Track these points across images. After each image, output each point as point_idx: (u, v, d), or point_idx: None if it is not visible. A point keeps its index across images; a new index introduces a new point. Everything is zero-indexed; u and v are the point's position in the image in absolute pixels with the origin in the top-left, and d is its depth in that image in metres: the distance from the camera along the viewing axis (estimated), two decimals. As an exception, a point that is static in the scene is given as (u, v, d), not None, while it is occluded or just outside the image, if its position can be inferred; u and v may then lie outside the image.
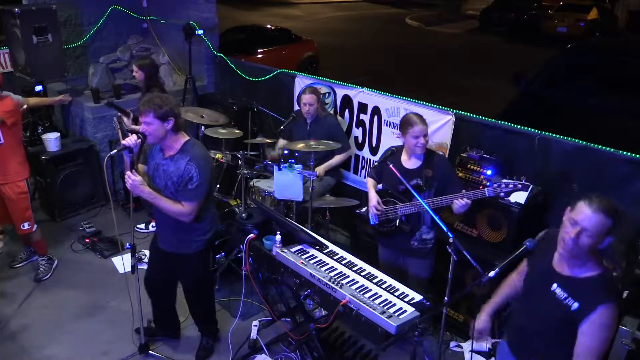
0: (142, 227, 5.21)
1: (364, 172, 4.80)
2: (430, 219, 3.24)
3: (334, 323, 3.27)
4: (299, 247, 3.16)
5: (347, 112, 4.83)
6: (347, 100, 4.81)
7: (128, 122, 4.71)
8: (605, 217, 2.00)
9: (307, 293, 2.92)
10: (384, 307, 2.61)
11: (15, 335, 3.82)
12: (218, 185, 4.56)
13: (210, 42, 6.16)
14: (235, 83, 6.02)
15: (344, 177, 4.93)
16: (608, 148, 3.36)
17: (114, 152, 3.12)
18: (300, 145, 4.10)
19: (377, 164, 3.54)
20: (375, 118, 4.59)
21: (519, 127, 3.77)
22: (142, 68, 4.69)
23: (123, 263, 4.54)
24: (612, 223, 2.01)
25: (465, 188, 3.25)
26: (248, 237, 3.26)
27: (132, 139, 2.97)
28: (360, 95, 4.69)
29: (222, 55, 6.14)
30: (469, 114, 4.04)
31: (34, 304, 4.16)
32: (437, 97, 7.91)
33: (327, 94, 4.92)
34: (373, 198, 3.43)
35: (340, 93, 4.85)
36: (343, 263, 3.03)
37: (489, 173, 3.58)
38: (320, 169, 4.31)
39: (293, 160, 3.98)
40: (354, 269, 2.97)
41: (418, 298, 2.73)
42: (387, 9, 25.92)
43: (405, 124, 3.26)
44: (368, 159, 4.75)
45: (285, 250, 3.08)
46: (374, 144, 4.68)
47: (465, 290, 3.20)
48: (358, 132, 4.77)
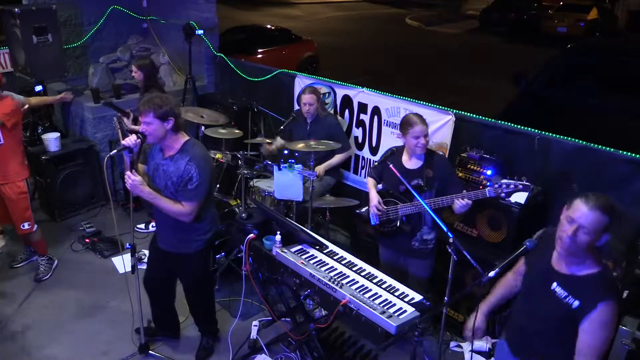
0: (142, 227, 5.21)
1: (364, 172, 4.80)
2: (432, 220, 3.24)
3: (334, 323, 3.27)
4: (299, 247, 3.16)
5: (347, 112, 4.83)
6: (347, 100, 4.81)
7: (128, 122, 4.71)
8: (602, 214, 2.01)
9: (307, 293, 2.91)
10: (384, 307, 2.61)
11: (15, 335, 3.82)
12: (218, 185, 4.56)
13: (210, 42, 6.16)
14: (235, 83, 6.02)
15: (344, 177, 4.93)
16: (608, 148, 3.36)
17: (114, 152, 3.12)
18: (300, 145, 4.10)
19: (377, 164, 3.54)
20: (375, 118, 4.59)
21: (519, 127, 3.77)
22: (141, 68, 4.70)
23: (123, 263, 4.54)
24: (609, 220, 2.02)
25: (466, 188, 3.25)
26: (248, 237, 3.26)
27: (131, 139, 2.97)
28: (360, 95, 4.69)
29: (222, 55, 6.14)
30: (469, 114, 4.04)
31: (34, 304, 4.16)
32: (437, 97, 7.91)
33: (327, 94, 4.92)
34: (374, 198, 3.42)
35: (340, 93, 4.85)
36: (343, 263, 3.03)
37: (489, 173, 3.58)
38: (320, 169, 4.31)
39: (293, 160, 3.98)
40: (354, 269, 2.97)
41: (418, 298, 2.73)
42: (387, 9, 25.92)
43: (406, 125, 3.26)
44: (368, 159, 4.75)
45: (285, 250, 3.07)
46: (374, 144, 4.67)
47: (465, 290, 3.19)
48: (358, 132, 4.77)
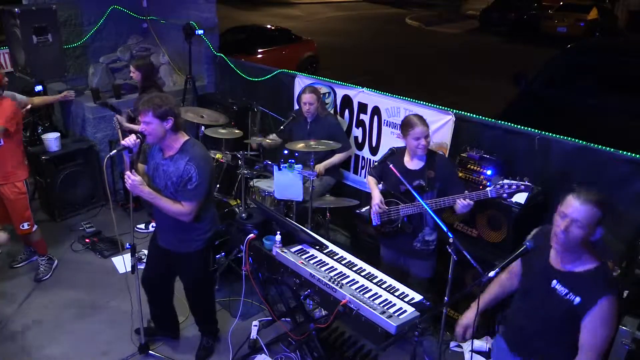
0: (142, 227, 5.21)
1: (364, 172, 4.80)
2: (433, 221, 3.23)
3: (334, 323, 3.27)
4: (299, 247, 3.16)
5: (347, 112, 4.82)
6: (347, 100, 4.80)
7: (122, 119, 4.73)
8: (594, 207, 2.04)
9: (307, 293, 2.91)
10: (384, 307, 2.61)
11: (15, 335, 3.82)
12: (218, 185, 4.56)
13: (210, 42, 6.16)
14: (235, 83, 6.02)
15: (344, 177, 4.93)
16: (608, 148, 3.36)
17: (114, 152, 3.12)
18: (300, 145, 4.10)
19: (377, 164, 3.53)
20: (375, 118, 4.59)
21: (519, 127, 3.77)
22: (139, 68, 4.70)
23: (123, 263, 4.54)
24: (601, 214, 2.06)
25: (466, 188, 3.25)
26: (248, 237, 3.26)
27: (131, 139, 2.96)
28: (360, 95, 4.69)
29: (222, 55, 6.14)
30: (469, 114, 4.04)
31: (34, 304, 4.16)
32: (437, 97, 7.91)
33: (327, 94, 4.91)
34: (376, 197, 3.41)
35: (340, 93, 4.85)
36: (343, 263, 3.03)
37: (489, 173, 3.58)
38: (320, 167, 4.30)
39: (293, 160, 3.98)
40: (354, 269, 2.97)
41: (418, 298, 2.73)
42: (387, 9, 25.92)
43: (406, 126, 3.26)
44: (368, 159, 4.75)
45: (285, 250, 3.07)
46: (374, 144, 4.67)
47: (465, 290, 3.19)
48: (358, 132, 4.77)
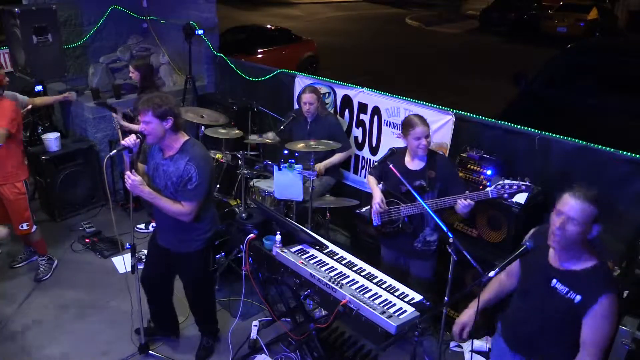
0: (142, 227, 5.21)
1: (364, 172, 4.80)
2: (435, 221, 3.23)
3: (334, 323, 3.27)
4: (299, 247, 3.16)
5: (347, 112, 4.82)
6: (347, 100, 4.80)
7: (118, 117, 4.73)
8: (589, 205, 2.06)
9: (307, 293, 2.91)
10: (384, 307, 2.61)
11: (15, 335, 3.82)
12: (218, 185, 4.56)
13: (210, 42, 6.16)
14: (235, 83, 6.02)
15: (344, 177, 4.93)
16: (608, 148, 3.36)
17: (114, 152, 3.12)
18: (300, 145, 4.10)
19: (377, 164, 3.52)
20: (375, 118, 4.59)
21: (519, 127, 3.77)
22: (138, 69, 4.71)
23: (123, 263, 4.54)
24: (597, 211, 2.07)
25: (466, 188, 3.24)
26: (248, 237, 3.26)
27: (131, 139, 2.96)
28: (360, 95, 4.69)
29: (222, 55, 6.14)
30: (469, 114, 4.04)
31: (34, 304, 4.16)
32: (437, 97, 7.91)
33: (327, 94, 4.91)
34: (377, 196, 3.41)
35: (340, 93, 4.85)
36: (343, 263, 3.03)
37: (489, 173, 3.58)
38: (320, 166, 4.30)
39: (293, 160, 3.98)
40: (354, 269, 2.97)
41: (418, 298, 2.73)
42: (387, 9, 25.91)
43: (407, 126, 3.26)
44: (368, 159, 4.75)
45: (285, 250, 3.07)
46: (374, 144, 4.67)
47: (465, 290, 3.19)
48: (358, 132, 4.77)
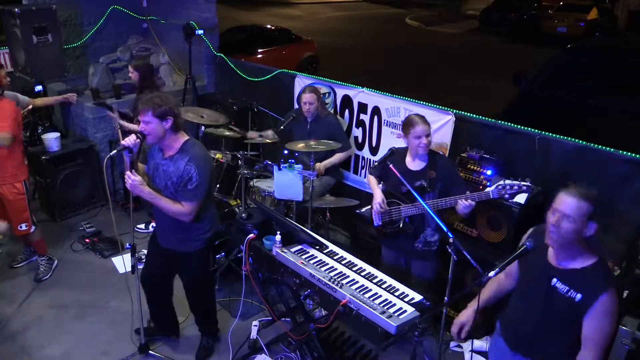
0: (142, 227, 5.21)
1: (364, 172, 4.80)
2: (435, 222, 3.23)
3: (334, 323, 3.27)
4: (299, 247, 3.16)
5: (347, 112, 4.82)
6: (347, 100, 4.80)
7: (114, 116, 4.72)
8: (584, 201, 2.06)
9: (307, 293, 2.91)
10: (384, 307, 2.61)
11: (15, 335, 3.82)
12: (218, 185, 4.56)
13: (210, 42, 6.16)
14: (235, 83, 6.02)
15: (344, 177, 4.93)
16: (608, 148, 3.36)
17: (114, 152, 3.11)
18: (300, 145, 4.10)
19: (377, 164, 3.52)
20: (375, 118, 4.59)
21: (519, 127, 3.77)
22: (137, 69, 4.70)
23: (123, 263, 4.54)
24: (591, 208, 2.07)
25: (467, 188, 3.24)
26: (248, 237, 3.26)
27: (131, 139, 2.96)
28: (360, 95, 4.69)
29: (222, 55, 6.14)
30: (469, 114, 4.04)
31: (34, 304, 4.16)
32: (437, 97, 7.91)
33: (327, 94, 4.91)
34: (378, 196, 3.40)
35: (340, 93, 4.85)
36: (343, 263, 3.03)
37: (489, 173, 3.58)
38: (320, 166, 4.30)
39: (293, 160, 3.98)
40: (354, 269, 2.97)
41: (418, 298, 2.73)
42: (387, 9, 25.91)
43: (407, 125, 3.26)
44: (368, 159, 4.75)
45: (285, 250, 3.07)
46: (374, 144, 4.67)
47: (465, 290, 3.18)
48: (358, 132, 4.77)
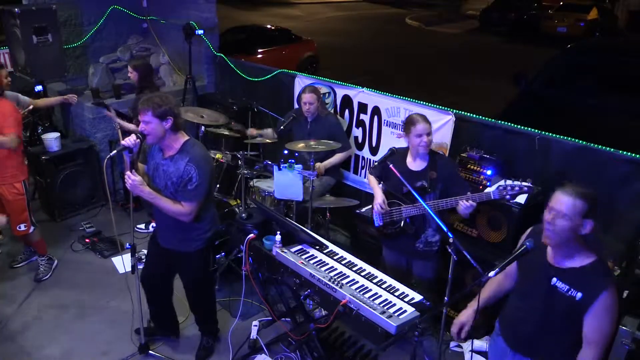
0: (142, 227, 5.21)
1: (364, 172, 4.80)
2: (437, 222, 3.22)
3: (334, 323, 3.27)
4: (299, 247, 3.16)
5: (347, 112, 4.82)
6: (347, 100, 4.80)
7: (111, 114, 4.71)
8: (577, 199, 2.08)
9: (307, 293, 2.91)
10: (384, 307, 2.61)
11: (15, 335, 3.82)
12: (218, 185, 4.56)
13: (210, 42, 6.16)
14: (235, 83, 6.02)
15: (344, 177, 4.93)
16: (608, 148, 3.36)
17: (114, 152, 3.11)
18: (301, 145, 4.10)
19: (377, 164, 3.51)
20: (375, 118, 4.59)
21: (519, 127, 3.77)
22: (136, 69, 4.69)
23: (123, 263, 4.55)
24: (586, 205, 2.08)
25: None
26: (248, 237, 3.26)
27: (131, 139, 2.96)
28: (360, 95, 4.69)
29: (222, 55, 6.14)
30: (469, 114, 4.04)
31: (34, 304, 4.15)
32: (437, 97, 7.91)
33: (327, 94, 4.91)
34: (379, 197, 3.40)
35: (340, 93, 4.85)
36: (343, 263, 3.03)
37: (489, 173, 3.58)
38: (321, 166, 4.30)
39: (293, 160, 3.98)
40: (354, 269, 2.97)
41: (418, 298, 2.73)
42: (387, 9, 25.91)
43: (408, 124, 3.26)
44: (368, 159, 4.75)
45: (285, 250, 3.07)
46: (374, 144, 4.67)
47: (465, 290, 3.19)
48: (358, 132, 4.77)
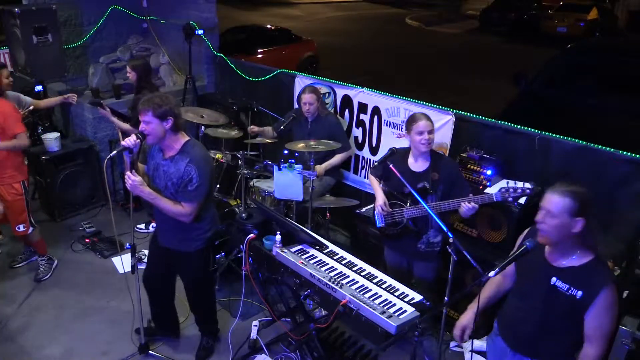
0: (142, 227, 5.20)
1: (364, 172, 4.80)
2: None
3: (334, 323, 3.27)
4: (299, 247, 3.16)
5: (347, 112, 4.82)
6: (347, 100, 4.80)
7: (107, 113, 4.70)
8: (566, 197, 2.12)
9: (307, 293, 2.91)
10: (384, 307, 2.61)
11: (15, 335, 3.82)
12: (218, 185, 4.56)
13: (210, 42, 6.16)
14: (235, 83, 6.02)
15: (344, 177, 4.93)
16: (608, 148, 3.36)
17: (114, 153, 3.12)
18: (301, 145, 4.10)
19: (377, 164, 3.49)
20: (375, 118, 4.59)
21: (519, 127, 3.77)
22: (135, 69, 4.67)
23: (123, 263, 4.55)
24: (575, 204, 2.11)
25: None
26: (248, 237, 3.26)
27: (131, 140, 2.96)
28: (360, 95, 4.69)
29: (222, 55, 6.14)
30: (469, 114, 4.04)
31: (34, 304, 4.15)
32: (437, 97, 7.91)
33: (327, 94, 4.91)
34: (380, 198, 3.39)
35: (340, 93, 4.85)
36: (343, 263, 3.03)
37: (489, 173, 3.58)
38: (320, 168, 4.30)
39: (293, 160, 3.98)
40: (354, 269, 2.97)
41: (418, 298, 2.73)
42: (387, 9, 25.91)
43: (410, 122, 3.26)
44: (368, 159, 4.75)
45: (285, 250, 3.07)
46: (374, 144, 4.67)
47: (465, 290, 3.19)
48: (358, 132, 4.77)
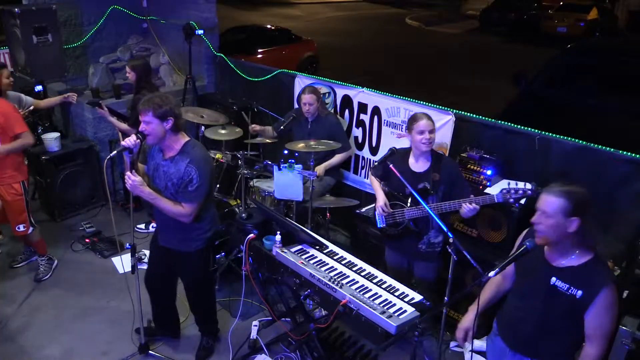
0: (142, 227, 5.20)
1: (364, 172, 4.80)
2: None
3: (334, 323, 3.27)
4: (299, 247, 3.16)
5: (347, 112, 4.82)
6: (347, 100, 4.80)
7: (104, 112, 4.70)
8: (560, 198, 2.13)
9: (307, 293, 2.91)
10: (384, 307, 2.61)
11: (15, 335, 3.82)
12: (218, 185, 4.56)
13: (210, 42, 6.16)
14: (235, 83, 6.02)
15: (344, 177, 4.93)
16: (608, 148, 3.36)
17: (114, 153, 3.12)
18: (301, 145, 4.10)
19: (377, 165, 3.48)
20: (375, 118, 4.59)
21: (519, 127, 3.77)
22: (134, 69, 4.65)
23: (123, 263, 4.55)
24: (569, 204, 2.12)
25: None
26: (248, 237, 3.26)
27: (131, 140, 2.96)
28: (360, 95, 4.69)
29: (222, 55, 6.14)
30: (469, 114, 4.04)
31: (34, 304, 4.15)
32: (437, 97, 7.91)
33: (327, 94, 4.92)
34: (381, 198, 3.39)
35: (340, 93, 4.85)
36: (343, 263, 3.03)
37: (489, 173, 3.59)
38: (320, 169, 4.31)
39: (293, 160, 3.98)
40: (354, 269, 2.97)
41: (418, 298, 2.73)
42: (387, 9, 25.91)
43: (411, 121, 3.26)
44: (368, 159, 4.75)
45: (285, 250, 3.08)
46: (374, 144, 4.67)
47: (465, 290, 3.20)
48: (358, 132, 4.77)
